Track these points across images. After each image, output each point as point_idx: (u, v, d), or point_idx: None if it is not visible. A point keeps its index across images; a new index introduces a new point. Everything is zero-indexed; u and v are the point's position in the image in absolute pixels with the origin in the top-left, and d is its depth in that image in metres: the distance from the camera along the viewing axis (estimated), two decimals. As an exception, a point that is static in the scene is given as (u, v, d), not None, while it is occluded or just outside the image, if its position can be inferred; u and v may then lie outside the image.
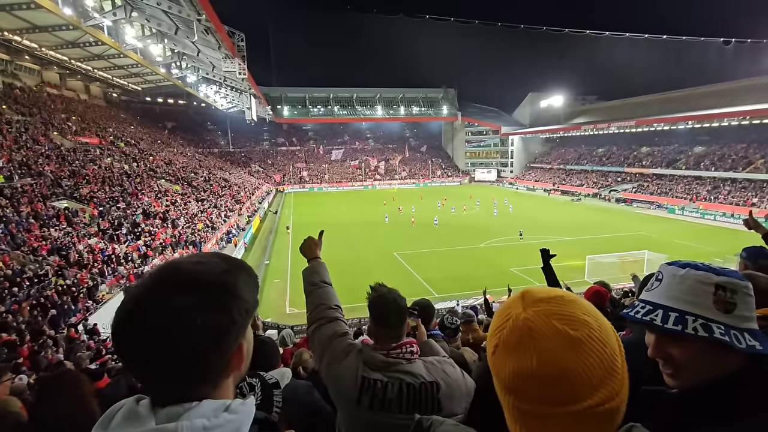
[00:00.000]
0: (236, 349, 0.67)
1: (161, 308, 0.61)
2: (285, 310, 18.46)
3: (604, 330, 0.60)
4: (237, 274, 0.69)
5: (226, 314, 0.64)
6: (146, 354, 0.60)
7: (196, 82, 44.62)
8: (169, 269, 0.67)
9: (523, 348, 0.58)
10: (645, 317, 0.77)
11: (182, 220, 25.84)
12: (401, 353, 1.47)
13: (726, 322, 0.73)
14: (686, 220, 37.70)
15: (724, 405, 0.71)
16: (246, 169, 70.07)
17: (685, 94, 53.25)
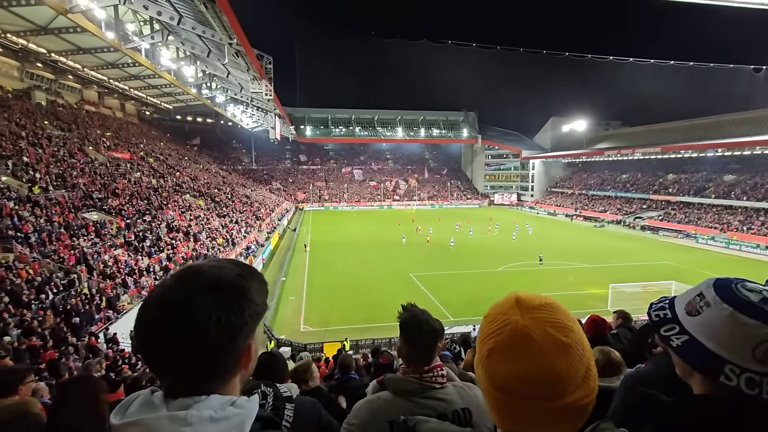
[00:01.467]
0: (246, 349, 0.72)
1: (183, 306, 0.66)
2: (299, 328, 18.42)
3: (583, 337, 0.67)
4: (250, 279, 0.74)
5: (240, 315, 0.69)
6: (165, 349, 0.65)
7: (225, 102, 46.53)
8: (192, 271, 0.71)
9: (521, 353, 0.64)
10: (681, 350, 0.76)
11: (204, 234, 26.45)
12: (433, 377, 1.44)
13: (761, 371, 0.69)
14: (715, 250, 36.22)
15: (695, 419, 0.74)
16: (267, 187, 71.58)
17: (713, 121, 52.05)
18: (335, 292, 22.97)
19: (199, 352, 0.65)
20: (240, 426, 0.65)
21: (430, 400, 1.39)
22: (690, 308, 0.78)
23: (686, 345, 0.76)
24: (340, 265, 29.10)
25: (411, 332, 1.49)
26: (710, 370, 0.72)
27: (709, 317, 0.74)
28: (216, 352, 0.67)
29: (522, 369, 0.63)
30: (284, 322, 19.15)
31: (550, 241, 38.15)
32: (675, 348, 0.77)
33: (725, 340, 0.72)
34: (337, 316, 19.35)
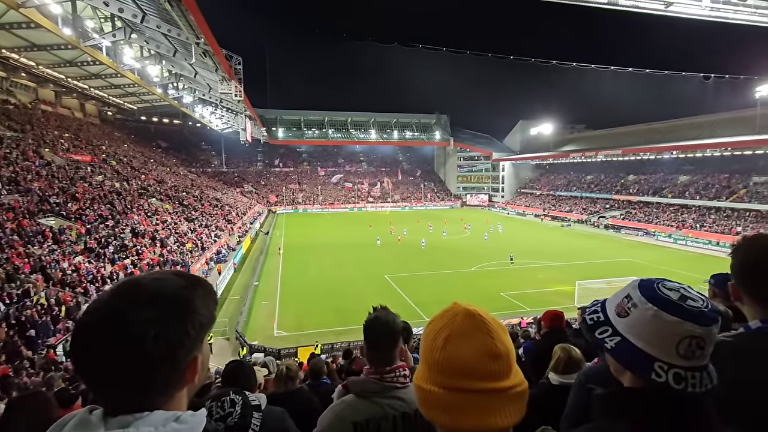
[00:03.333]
0: (190, 362, 0.70)
1: (117, 321, 0.64)
2: (273, 333, 18.13)
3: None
4: (194, 290, 0.72)
5: (182, 328, 0.67)
6: (101, 365, 0.63)
7: (192, 103, 45.23)
8: (129, 284, 0.70)
9: (478, 329, 0.71)
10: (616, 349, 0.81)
11: (171, 239, 25.59)
12: (395, 377, 1.46)
13: (686, 365, 0.76)
14: (673, 247, 38.26)
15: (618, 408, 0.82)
16: (238, 189, 70.03)
17: (669, 125, 54.99)
18: (309, 296, 22.74)
19: (136, 367, 0.63)
20: None
21: (393, 399, 1.42)
22: (619, 310, 0.83)
23: (619, 346, 0.80)
24: (315, 268, 28.84)
25: (371, 334, 1.52)
26: (642, 369, 0.77)
27: (636, 317, 0.79)
28: (155, 367, 0.65)
29: (481, 344, 0.69)
30: (257, 327, 18.78)
31: (520, 241, 39.20)
32: (609, 350, 0.82)
33: (652, 338, 0.77)
34: (311, 320, 19.16)
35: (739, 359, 0.99)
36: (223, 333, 18.11)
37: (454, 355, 0.70)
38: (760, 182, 41.61)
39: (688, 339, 0.75)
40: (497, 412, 0.68)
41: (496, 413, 0.68)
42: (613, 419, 0.80)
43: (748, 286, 1.09)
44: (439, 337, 0.73)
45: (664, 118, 56.89)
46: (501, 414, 0.68)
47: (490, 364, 0.69)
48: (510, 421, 0.69)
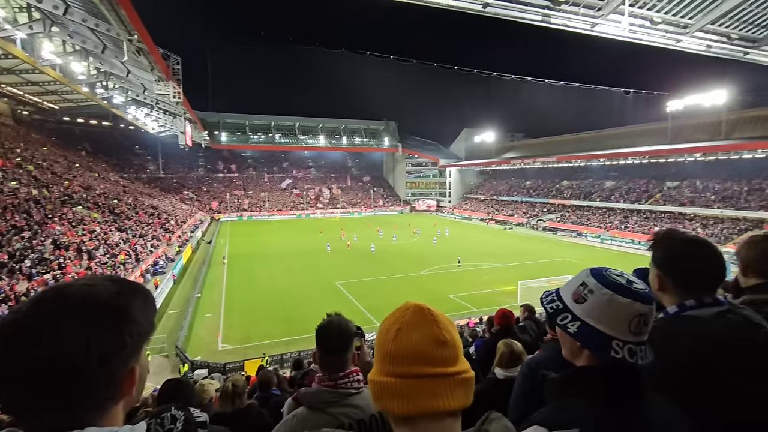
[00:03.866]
0: (127, 373, 0.65)
1: (38, 332, 0.58)
2: (217, 347, 17.20)
3: None
4: (130, 296, 0.68)
5: (117, 337, 0.63)
6: (20, 383, 0.57)
7: (125, 104, 42.09)
8: (52, 292, 0.64)
9: (426, 320, 0.77)
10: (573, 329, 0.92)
11: (101, 250, 23.50)
12: (349, 382, 1.44)
13: (635, 341, 0.88)
14: (601, 246, 41.63)
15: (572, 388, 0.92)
16: (178, 196, 66.05)
17: (596, 135, 59.99)
18: (257, 306, 21.90)
19: (62, 383, 0.58)
20: None
21: (347, 408, 1.39)
22: (576, 297, 0.94)
23: (581, 330, 0.91)
24: (262, 278, 27.85)
25: (324, 338, 1.50)
26: (601, 348, 0.88)
27: (594, 302, 0.91)
28: (86, 381, 0.60)
29: (427, 333, 0.75)
30: (200, 341, 17.73)
31: (467, 244, 40.63)
32: (572, 334, 0.92)
33: (609, 319, 0.88)
34: (259, 331, 18.44)
35: (661, 340, 1.13)
36: (162, 350, 16.88)
37: (404, 343, 0.75)
38: (672, 186, 46.62)
39: (638, 317, 0.87)
40: (445, 395, 0.73)
41: (444, 396, 0.72)
42: (572, 398, 0.89)
43: (673, 274, 1.24)
44: (391, 330, 0.78)
45: (593, 128, 62.04)
46: (449, 397, 0.73)
47: (437, 350, 0.74)
48: (457, 404, 0.73)
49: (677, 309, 1.23)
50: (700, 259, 1.22)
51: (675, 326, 1.18)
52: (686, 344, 1.10)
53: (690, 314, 1.20)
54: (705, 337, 1.10)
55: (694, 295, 1.21)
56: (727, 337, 1.10)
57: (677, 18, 16.67)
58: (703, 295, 1.20)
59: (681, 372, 1.04)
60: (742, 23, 17.36)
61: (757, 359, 1.06)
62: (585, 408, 0.86)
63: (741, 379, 1.02)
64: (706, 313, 1.18)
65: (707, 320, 1.16)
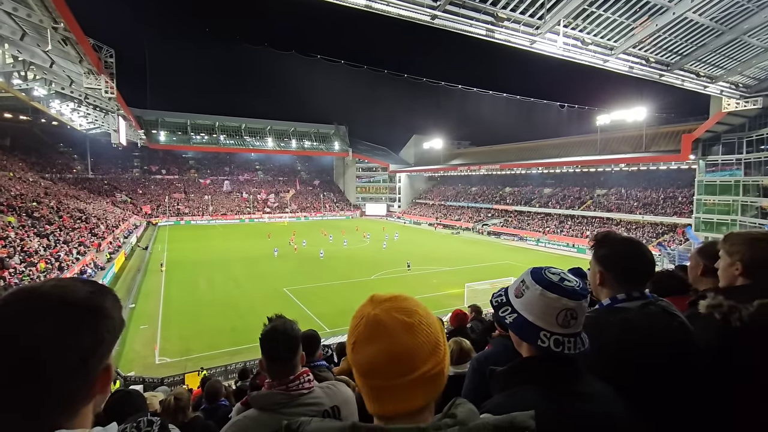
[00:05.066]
0: (103, 371, 0.65)
1: (15, 336, 0.57)
2: (154, 361, 16.06)
3: (430, 317, 0.80)
4: (103, 295, 0.68)
5: (95, 334, 0.62)
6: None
7: (47, 97, 38.21)
8: (23, 293, 0.63)
9: (376, 336, 0.75)
10: (509, 320, 1.05)
11: (17, 258, 21.09)
12: (300, 384, 1.43)
13: (564, 332, 0.99)
14: (541, 250, 44.33)
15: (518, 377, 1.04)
16: (109, 199, 61.05)
17: (535, 144, 63.98)
18: (199, 316, 20.76)
19: (33, 386, 0.56)
20: None
21: (301, 407, 1.39)
22: (517, 292, 1.07)
23: (515, 320, 1.04)
24: (204, 285, 26.47)
25: (269, 346, 1.47)
26: (530, 336, 1.01)
27: (528, 296, 1.03)
28: (62, 382, 0.58)
29: (378, 349, 0.74)
30: (134, 355, 16.46)
31: (416, 249, 41.42)
32: (508, 324, 1.05)
33: (538, 312, 1.00)
34: (201, 342, 17.46)
35: (595, 329, 1.26)
36: (89, 367, 15.44)
37: (359, 357, 0.76)
38: (601, 194, 50.84)
39: (565, 311, 0.98)
40: (411, 396, 0.74)
41: (410, 397, 0.74)
42: (519, 385, 1.01)
43: (614, 270, 1.39)
44: (350, 341, 0.79)
45: (532, 138, 66.09)
46: (414, 398, 0.74)
47: (390, 366, 0.73)
48: (424, 401, 0.76)
49: (610, 302, 1.39)
50: (637, 258, 1.38)
51: (605, 316, 1.32)
52: (613, 332, 1.25)
53: (619, 306, 1.36)
54: (628, 327, 1.26)
55: (626, 290, 1.36)
56: (647, 325, 1.27)
57: (604, 40, 18.33)
58: (634, 290, 1.36)
59: (610, 355, 1.17)
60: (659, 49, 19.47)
61: (670, 341, 1.24)
62: (532, 393, 0.96)
63: (658, 358, 1.20)
64: (632, 305, 1.34)
65: (632, 311, 1.32)
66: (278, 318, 1.59)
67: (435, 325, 0.79)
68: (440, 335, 0.80)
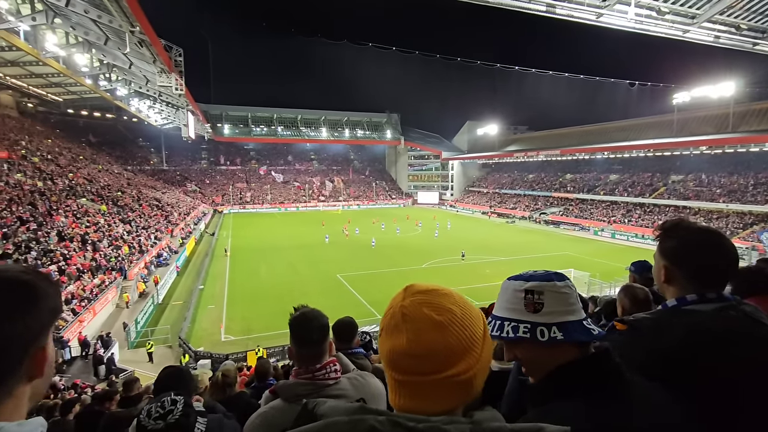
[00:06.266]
0: (39, 350, 0.64)
1: None
2: (220, 338, 17.38)
3: (468, 318, 0.73)
4: (37, 276, 0.68)
5: (33, 311, 0.63)
6: None
7: (128, 96, 42.04)
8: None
9: (398, 330, 0.71)
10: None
11: (105, 242, 23.68)
12: (326, 374, 1.41)
13: (534, 320, 0.89)
14: (604, 240, 41.51)
15: (552, 391, 0.90)
16: (181, 189, 66.30)
17: (601, 127, 59.56)
18: (259, 299, 22.06)
19: None
20: None
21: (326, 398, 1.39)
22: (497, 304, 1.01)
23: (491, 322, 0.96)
24: (265, 270, 28.00)
25: (299, 330, 1.47)
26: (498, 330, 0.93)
27: (499, 295, 0.99)
28: None
29: (397, 343, 0.70)
30: (202, 332, 17.92)
31: (469, 238, 40.62)
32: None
33: (506, 303, 0.95)
34: (261, 323, 18.58)
35: (653, 332, 1.13)
36: (165, 341, 17.10)
37: (382, 347, 0.74)
38: (677, 180, 46.31)
39: (530, 294, 0.91)
40: (432, 397, 0.69)
41: (431, 398, 0.69)
42: (554, 400, 0.89)
43: (685, 266, 1.18)
44: (380, 328, 0.77)
45: (597, 120, 61.58)
46: (437, 399, 0.69)
47: (408, 362, 0.69)
48: (449, 404, 0.70)
49: (676, 302, 1.19)
50: (715, 251, 1.16)
51: (668, 318, 1.15)
52: (676, 335, 1.08)
53: (689, 308, 1.16)
54: (696, 330, 1.07)
55: (698, 290, 1.16)
56: (722, 331, 1.06)
57: (685, 8, 16.42)
58: (709, 290, 1.15)
59: (669, 364, 1.01)
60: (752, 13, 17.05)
61: (753, 354, 1.01)
62: (571, 409, 0.85)
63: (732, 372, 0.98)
64: (706, 308, 1.13)
65: (705, 315, 1.12)
66: (305, 307, 1.60)
67: (472, 328, 0.73)
68: (477, 338, 0.73)
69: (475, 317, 0.75)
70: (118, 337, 16.38)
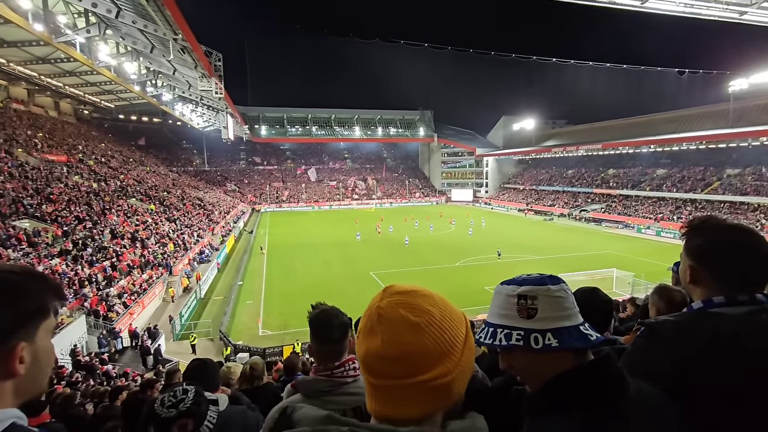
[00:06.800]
0: (9, 349, 0.64)
1: None
2: (258, 333, 17.99)
3: (447, 320, 0.70)
4: (25, 275, 0.69)
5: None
6: None
7: (172, 101, 44.28)
8: None
9: (372, 332, 0.68)
10: (477, 336, 0.87)
11: (152, 240, 25.10)
12: (344, 371, 1.41)
13: (527, 327, 0.83)
14: (650, 239, 39.30)
15: (546, 402, 0.83)
16: (221, 188, 69.06)
17: (646, 119, 56.36)
18: (295, 295, 22.60)
19: None
20: None
21: (342, 396, 1.37)
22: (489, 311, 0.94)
23: (481, 331, 0.90)
24: (300, 267, 28.67)
25: (319, 327, 1.49)
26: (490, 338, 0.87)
27: (492, 301, 0.92)
28: None
29: (373, 345, 0.67)
30: (241, 327, 18.63)
31: (504, 236, 39.69)
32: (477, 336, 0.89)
33: (499, 309, 0.89)
34: (296, 319, 19.03)
35: (677, 337, 1.04)
36: (207, 333, 17.91)
37: (358, 351, 0.71)
38: (733, 174, 43.04)
39: (522, 299, 0.85)
40: (406, 402, 0.66)
41: (405, 404, 0.66)
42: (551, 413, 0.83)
43: (713, 267, 1.10)
44: (358, 329, 0.73)
45: (642, 112, 58.34)
46: (410, 404, 0.66)
47: (382, 365, 0.66)
48: (424, 410, 0.66)
49: (702, 305, 1.10)
50: (745, 252, 1.06)
51: (692, 322, 1.07)
52: (699, 340, 0.99)
53: (715, 311, 1.06)
54: (721, 335, 0.98)
55: (728, 292, 1.06)
56: (754, 335, 0.96)
57: (740, -11, 15.26)
58: (740, 292, 1.06)
59: (684, 372, 0.94)
60: (819, -9, 15.63)
61: None
62: (562, 424, 0.80)
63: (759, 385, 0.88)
64: (735, 311, 1.04)
65: (733, 319, 1.02)
66: (324, 304, 1.62)
67: (452, 331, 0.70)
68: (457, 342, 0.70)
69: (456, 320, 0.72)
70: (164, 330, 17.34)
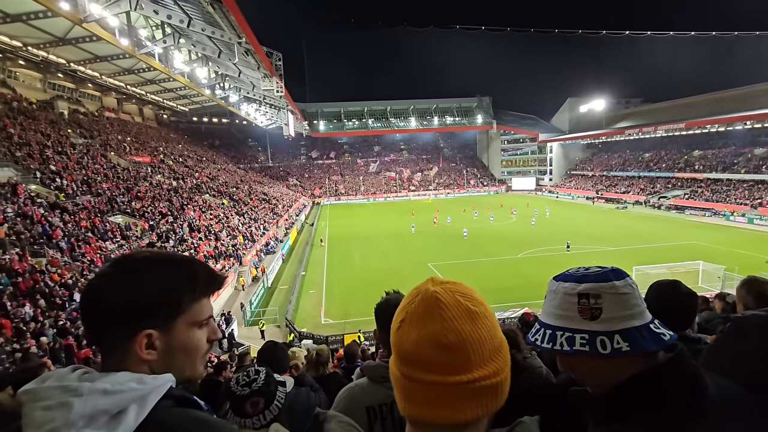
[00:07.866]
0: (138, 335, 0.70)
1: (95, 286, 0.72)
2: (320, 321, 18.75)
3: (493, 316, 0.67)
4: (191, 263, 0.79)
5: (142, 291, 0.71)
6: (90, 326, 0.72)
7: (238, 102, 47.13)
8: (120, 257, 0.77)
9: (430, 316, 0.62)
10: (532, 338, 0.80)
11: (224, 233, 27.05)
12: None
13: (591, 329, 0.75)
14: (743, 227, 34.85)
15: (615, 409, 0.76)
16: (284, 183, 72.43)
17: (740, 92, 49.68)
18: (354, 285, 23.20)
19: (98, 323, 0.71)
20: (141, 400, 0.63)
21: None
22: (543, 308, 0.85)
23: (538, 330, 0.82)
24: (359, 258, 29.32)
25: (383, 316, 1.51)
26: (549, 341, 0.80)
27: (546, 299, 0.83)
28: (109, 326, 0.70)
29: (430, 332, 0.61)
30: (305, 315, 19.51)
31: (571, 225, 37.41)
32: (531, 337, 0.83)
33: (556, 309, 0.80)
34: (356, 309, 19.55)
35: (763, 333, 0.96)
36: (274, 320, 19.01)
37: (403, 340, 0.65)
38: None
39: (585, 298, 0.76)
40: (445, 407, 0.61)
41: (451, 406, 0.60)
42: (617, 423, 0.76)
43: None
44: (398, 318, 0.68)
45: (734, 85, 51.38)
46: (457, 407, 0.60)
47: (437, 354, 0.60)
48: (471, 415, 0.61)
49: None
50: None
51: None
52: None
53: None
54: None
55: None
56: None
57: None
58: None
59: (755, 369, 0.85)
60: None
61: None
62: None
63: None
64: None
65: None
66: (394, 293, 1.64)
67: (499, 330, 0.67)
68: (504, 341, 0.67)
69: (496, 320, 0.68)
70: (237, 316, 18.68)
